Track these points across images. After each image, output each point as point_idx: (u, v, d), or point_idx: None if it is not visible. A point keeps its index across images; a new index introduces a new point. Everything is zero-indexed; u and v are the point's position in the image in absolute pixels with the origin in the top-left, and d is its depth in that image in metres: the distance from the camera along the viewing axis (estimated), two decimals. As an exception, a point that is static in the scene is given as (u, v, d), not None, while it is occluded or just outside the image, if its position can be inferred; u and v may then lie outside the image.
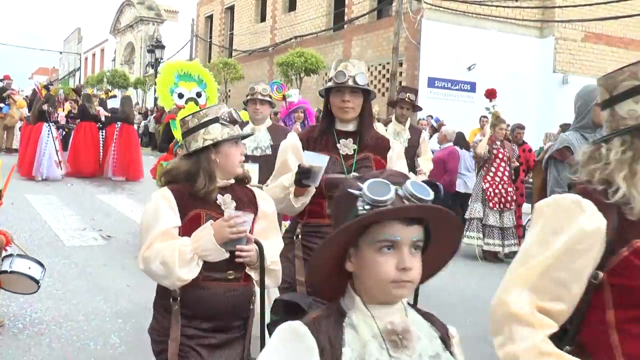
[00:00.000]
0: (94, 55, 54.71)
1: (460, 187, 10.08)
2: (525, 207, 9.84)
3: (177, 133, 6.86)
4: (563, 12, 19.04)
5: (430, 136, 12.14)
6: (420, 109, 7.50)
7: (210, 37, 32.89)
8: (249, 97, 5.34)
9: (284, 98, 9.29)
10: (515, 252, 9.34)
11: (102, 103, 16.93)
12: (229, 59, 25.49)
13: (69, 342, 4.77)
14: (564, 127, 9.27)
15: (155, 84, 7.71)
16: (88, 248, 8.04)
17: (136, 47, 43.18)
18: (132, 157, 15.22)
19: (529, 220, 9.98)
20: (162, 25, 41.62)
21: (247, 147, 4.80)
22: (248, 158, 4.27)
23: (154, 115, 26.56)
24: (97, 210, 10.84)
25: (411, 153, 6.47)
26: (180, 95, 7.22)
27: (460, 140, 11.21)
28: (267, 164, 4.59)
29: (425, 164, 6.74)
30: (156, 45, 30.89)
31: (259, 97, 5.28)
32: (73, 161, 15.02)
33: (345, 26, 21.82)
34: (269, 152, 5.05)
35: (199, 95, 7.26)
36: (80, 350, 4.62)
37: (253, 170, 4.23)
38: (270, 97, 5.53)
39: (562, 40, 19.83)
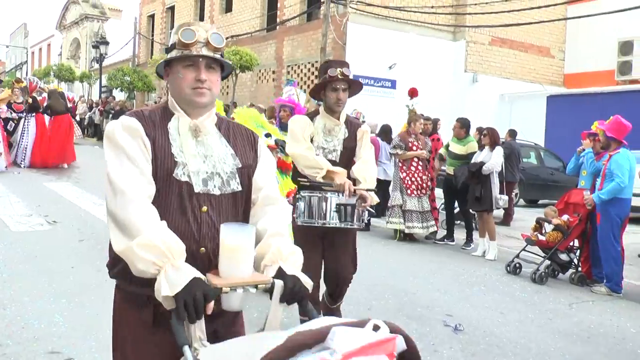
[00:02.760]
0: (40, 49, 52.59)
1: (380, 175, 10.23)
2: (437, 191, 10.10)
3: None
4: (473, 19, 19.48)
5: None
6: (361, 86, 4.45)
7: (153, 35, 32.14)
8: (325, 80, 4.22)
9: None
10: (434, 233, 9.60)
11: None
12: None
13: (13, 322, 4.61)
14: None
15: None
16: (34, 233, 7.78)
17: (82, 43, 41.76)
18: (65, 144, 15.20)
19: (442, 204, 10.18)
20: (107, 23, 40.41)
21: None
22: None
23: (99, 107, 25.83)
24: (43, 197, 10.49)
25: (348, 157, 4.33)
26: (268, 135, 6.37)
27: (384, 133, 11.36)
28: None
29: (365, 171, 4.27)
30: (101, 42, 30.01)
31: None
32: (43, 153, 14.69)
33: (278, 27, 21.70)
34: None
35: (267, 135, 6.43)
36: (24, 329, 4.48)
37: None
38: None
39: (472, 44, 20.29)
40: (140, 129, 2.02)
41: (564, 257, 7.60)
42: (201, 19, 26.80)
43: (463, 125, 9.46)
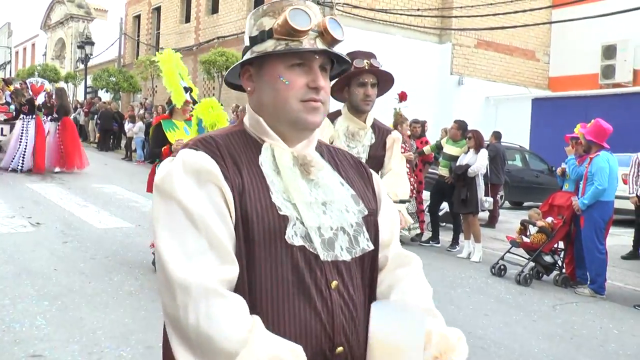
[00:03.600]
0: (24, 49, 52.08)
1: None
2: (425, 194, 10.12)
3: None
4: (459, 22, 19.56)
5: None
6: (392, 81, 3.72)
7: (138, 36, 31.95)
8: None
9: None
10: (420, 235, 9.62)
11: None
12: (155, 57, 24.84)
13: (-5, 325, 4.56)
14: (461, 124, 9.50)
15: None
16: (16, 235, 7.69)
17: (67, 43, 41.42)
18: (77, 148, 14.52)
19: (427, 205, 10.19)
20: (92, 23, 40.11)
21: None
22: None
23: (84, 108, 25.65)
24: (26, 199, 10.38)
25: (374, 167, 3.31)
26: (186, 90, 6.33)
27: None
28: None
29: (397, 185, 3.69)
30: (86, 42, 29.82)
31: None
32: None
33: (265, 28, 21.66)
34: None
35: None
36: (5, 332, 4.42)
37: None
38: None
39: (458, 47, 20.37)
40: (214, 171, 1.33)
41: (548, 259, 7.65)
42: (187, 20, 26.71)
43: (460, 127, 9.48)
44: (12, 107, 13.95)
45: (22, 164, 13.56)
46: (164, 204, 1.31)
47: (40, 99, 14.07)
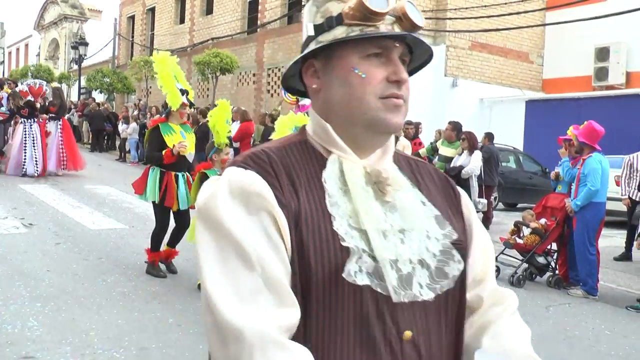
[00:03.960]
0: (17, 49, 51.93)
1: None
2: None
3: (219, 137, 5.95)
4: (453, 24, 19.60)
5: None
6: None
7: (132, 37, 31.91)
8: None
9: (297, 102, 8.45)
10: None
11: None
12: (150, 58, 24.72)
13: (-13, 326, 4.54)
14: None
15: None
16: (9, 236, 7.66)
17: (60, 44, 41.33)
18: (75, 149, 14.39)
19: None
20: (86, 24, 40.03)
21: None
22: None
23: (77, 108, 25.58)
24: (19, 200, 10.34)
25: None
26: (182, 92, 6.19)
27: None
28: None
29: None
30: (80, 43, 29.76)
31: None
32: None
33: (258, 30, 21.67)
34: None
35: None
36: (-2, 333, 4.41)
37: None
38: None
39: (452, 48, 20.40)
40: (266, 195, 1.10)
41: (541, 260, 7.67)
42: (182, 20, 26.70)
43: (455, 128, 9.49)
44: (4, 108, 13.82)
45: (38, 168, 13.22)
46: (209, 234, 1.09)
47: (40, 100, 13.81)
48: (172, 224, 6.49)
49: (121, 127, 20.77)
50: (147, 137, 6.55)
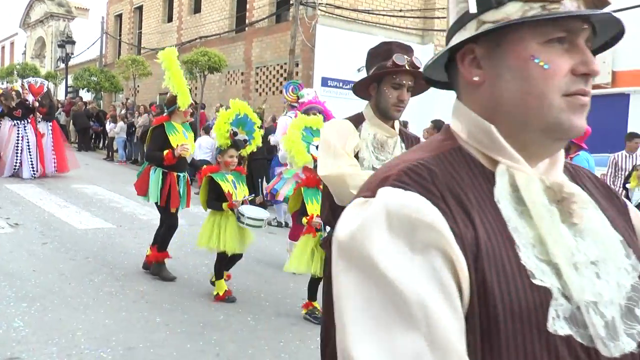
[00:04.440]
0: (3, 48, 51.49)
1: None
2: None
3: (220, 138, 5.74)
4: (441, 23, 19.66)
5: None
6: (426, 86, 2.77)
7: (120, 35, 31.73)
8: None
9: (298, 99, 8.43)
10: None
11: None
12: (138, 56, 24.65)
13: (-28, 327, 4.50)
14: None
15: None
16: (-5, 236, 7.60)
17: (47, 42, 41.02)
18: (65, 151, 14.08)
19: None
20: (73, 22, 39.78)
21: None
22: None
23: (64, 107, 25.41)
24: (4, 199, 10.25)
25: None
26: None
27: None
28: None
29: None
30: (67, 41, 29.55)
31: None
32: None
33: (247, 29, 21.62)
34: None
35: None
36: (-17, 334, 4.37)
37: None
38: None
39: (440, 47, 20.47)
40: (438, 225, 0.85)
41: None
42: (169, 19, 26.58)
43: (436, 126, 9.49)
44: None
45: (34, 171, 12.95)
46: (355, 277, 0.83)
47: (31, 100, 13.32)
48: (155, 224, 6.46)
49: (109, 126, 20.65)
50: (149, 134, 6.33)
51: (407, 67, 2.76)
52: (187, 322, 5.00)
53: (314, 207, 5.05)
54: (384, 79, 2.86)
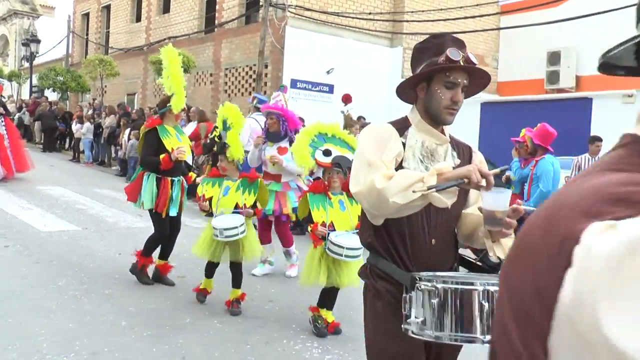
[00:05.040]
0: (-34, 46, 50.32)
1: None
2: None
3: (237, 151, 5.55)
4: (410, 26, 19.81)
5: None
6: (486, 82, 2.57)
7: (87, 34, 31.26)
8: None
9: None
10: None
11: None
12: (105, 56, 24.33)
13: None
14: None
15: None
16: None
17: (10, 40, 40.21)
18: (22, 150, 13.52)
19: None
20: (38, 20, 39.05)
21: None
22: None
23: (28, 107, 24.94)
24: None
25: (460, 199, 2.48)
26: (327, 153, 5.31)
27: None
28: None
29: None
30: (31, 40, 29.01)
31: None
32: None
33: (216, 30, 21.50)
34: None
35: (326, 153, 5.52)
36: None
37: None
38: None
39: (409, 50, 20.51)
40: None
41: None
42: (138, 19, 26.28)
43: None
44: None
45: None
46: None
47: None
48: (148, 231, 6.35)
49: (75, 126, 20.31)
50: (142, 139, 6.14)
51: (461, 63, 2.36)
52: (153, 325, 4.94)
53: (319, 214, 4.95)
54: (435, 77, 2.43)
